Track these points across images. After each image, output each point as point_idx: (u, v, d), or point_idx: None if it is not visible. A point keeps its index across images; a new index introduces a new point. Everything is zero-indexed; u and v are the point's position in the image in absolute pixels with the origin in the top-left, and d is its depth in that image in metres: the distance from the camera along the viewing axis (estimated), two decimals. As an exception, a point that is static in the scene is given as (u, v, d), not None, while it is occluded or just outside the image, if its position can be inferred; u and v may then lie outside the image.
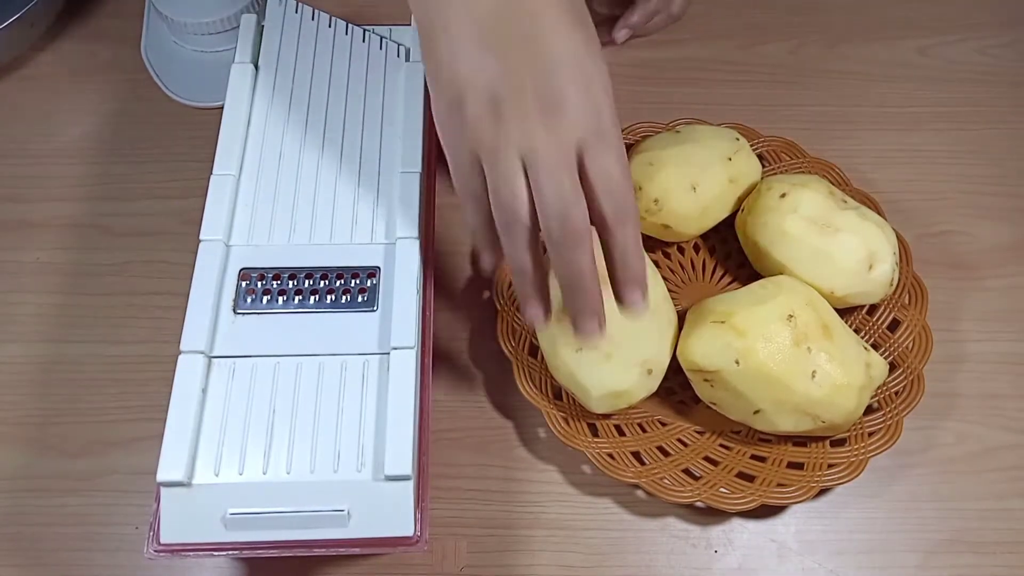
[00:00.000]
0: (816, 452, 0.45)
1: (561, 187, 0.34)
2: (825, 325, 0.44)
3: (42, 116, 0.58)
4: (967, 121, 0.60)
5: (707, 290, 0.52)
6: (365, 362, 0.40)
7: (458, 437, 0.48)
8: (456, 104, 0.35)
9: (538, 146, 0.34)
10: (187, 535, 0.37)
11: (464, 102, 0.35)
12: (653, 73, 0.61)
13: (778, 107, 0.60)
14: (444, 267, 0.53)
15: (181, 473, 0.36)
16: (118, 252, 0.53)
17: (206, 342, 0.39)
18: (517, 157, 0.35)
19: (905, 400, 0.46)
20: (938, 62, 0.63)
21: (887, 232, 0.48)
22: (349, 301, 0.41)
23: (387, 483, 0.37)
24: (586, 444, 0.44)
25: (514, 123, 0.34)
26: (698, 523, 0.46)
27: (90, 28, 0.63)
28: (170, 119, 0.58)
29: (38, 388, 0.49)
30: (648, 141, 0.51)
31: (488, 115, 0.35)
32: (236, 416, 0.38)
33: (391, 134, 0.47)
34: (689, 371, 0.45)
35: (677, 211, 0.49)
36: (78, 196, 0.55)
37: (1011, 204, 0.56)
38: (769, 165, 0.55)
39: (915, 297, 0.49)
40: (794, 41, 0.63)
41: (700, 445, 0.46)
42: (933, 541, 0.46)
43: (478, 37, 0.35)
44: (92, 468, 0.46)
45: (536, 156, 0.34)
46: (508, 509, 0.46)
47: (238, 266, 0.42)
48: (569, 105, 0.34)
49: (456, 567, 0.44)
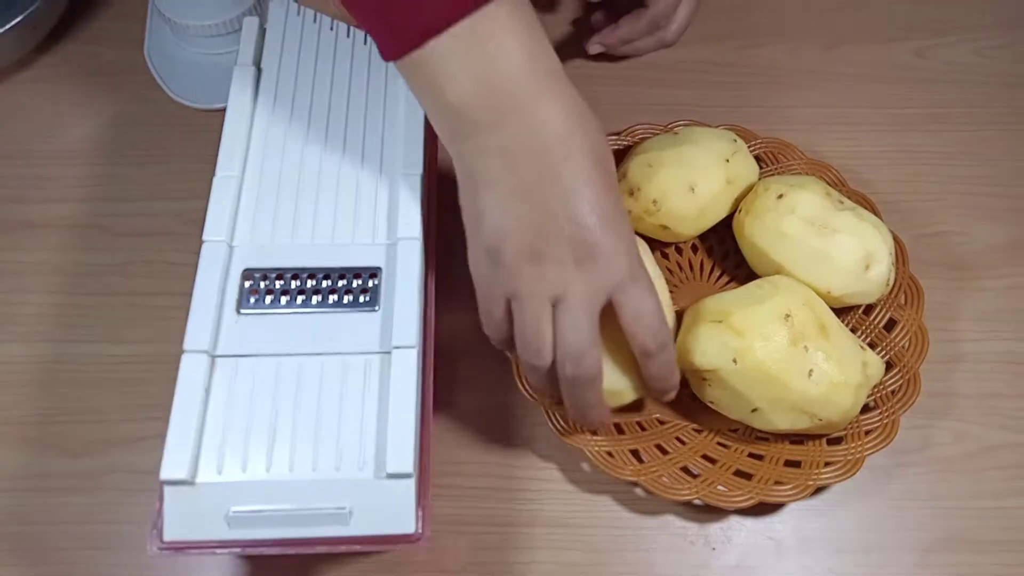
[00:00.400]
0: (813, 450, 0.45)
1: (580, 331, 0.38)
2: (822, 324, 0.44)
3: (45, 117, 0.59)
4: (963, 122, 0.60)
5: (705, 290, 0.52)
6: (367, 361, 0.40)
7: (459, 435, 0.48)
8: (495, 251, 0.38)
9: (570, 290, 0.37)
10: (190, 533, 0.37)
11: (503, 249, 0.38)
12: (652, 75, 0.62)
13: (775, 108, 0.60)
14: (445, 267, 0.53)
15: (184, 471, 0.37)
16: (120, 253, 0.53)
17: (209, 341, 0.40)
18: (548, 301, 0.38)
19: (901, 399, 0.46)
20: (935, 64, 0.63)
21: (883, 232, 0.48)
22: (351, 301, 0.42)
23: (389, 481, 0.37)
24: (585, 442, 0.45)
25: (552, 269, 0.37)
26: (696, 521, 0.46)
27: (93, 30, 0.63)
28: (172, 121, 0.58)
29: (40, 388, 0.49)
30: (647, 142, 0.52)
31: (527, 262, 0.38)
32: (239, 415, 0.38)
33: (392, 136, 0.47)
34: (687, 370, 0.45)
35: (675, 212, 0.50)
36: (80, 197, 0.55)
37: (1007, 204, 0.57)
38: (766, 166, 0.55)
39: (911, 297, 0.50)
40: (792, 43, 0.64)
41: (698, 443, 0.46)
42: (930, 539, 0.46)
43: (521, 192, 0.37)
44: (95, 467, 0.47)
45: (566, 300, 0.38)
46: (508, 507, 0.46)
47: (241, 266, 0.42)
48: (603, 253, 0.37)
49: (457, 564, 0.45)
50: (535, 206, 0.37)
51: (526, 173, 0.37)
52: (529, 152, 0.37)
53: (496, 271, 0.39)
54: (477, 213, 0.39)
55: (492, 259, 0.39)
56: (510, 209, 0.38)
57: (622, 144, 0.55)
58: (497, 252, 0.38)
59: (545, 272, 0.37)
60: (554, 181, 0.37)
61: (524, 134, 0.37)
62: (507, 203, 0.38)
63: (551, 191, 0.37)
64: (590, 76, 0.62)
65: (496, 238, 0.38)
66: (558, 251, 0.37)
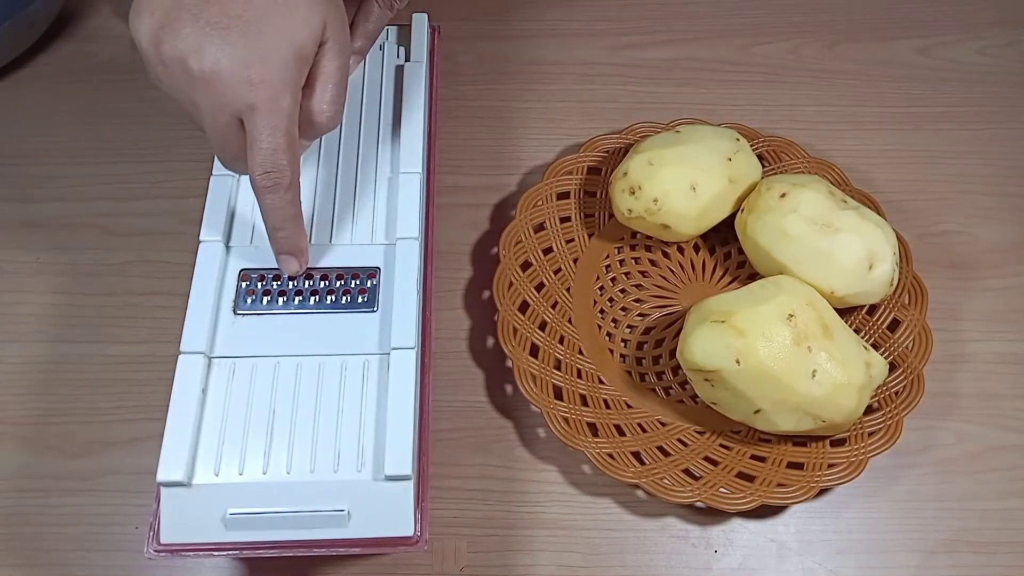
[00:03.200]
0: (816, 452, 0.45)
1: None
2: (825, 325, 0.44)
3: (41, 116, 0.58)
4: (967, 121, 0.60)
5: (707, 290, 0.52)
6: (365, 362, 0.40)
7: (458, 437, 0.48)
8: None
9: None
10: (187, 535, 0.37)
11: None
12: (653, 73, 0.61)
13: (778, 107, 0.60)
14: (444, 267, 0.53)
15: (181, 473, 0.36)
16: (118, 252, 0.53)
17: (206, 343, 0.39)
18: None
19: (905, 400, 0.46)
20: (938, 62, 0.63)
21: (887, 232, 0.48)
22: (349, 302, 0.41)
23: (387, 483, 0.37)
24: (586, 444, 0.45)
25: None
26: (698, 523, 0.46)
27: (89, 29, 0.63)
28: (169, 120, 0.58)
29: (37, 388, 0.49)
30: (648, 141, 0.51)
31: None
32: (236, 416, 0.38)
33: (392, 136, 0.47)
34: (689, 371, 0.45)
35: (677, 211, 0.49)
36: (77, 196, 0.55)
37: (1011, 204, 0.56)
38: (769, 165, 0.55)
39: (915, 297, 0.49)
40: (794, 41, 0.63)
41: (700, 445, 0.46)
42: (933, 541, 0.46)
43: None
44: (92, 468, 0.46)
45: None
46: (508, 509, 0.46)
47: (238, 267, 0.42)
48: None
49: (456, 567, 0.44)
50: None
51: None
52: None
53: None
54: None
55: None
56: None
57: (623, 142, 0.55)
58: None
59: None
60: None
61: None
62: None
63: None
64: (590, 76, 0.61)
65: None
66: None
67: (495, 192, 0.56)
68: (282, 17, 0.36)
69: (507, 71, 0.61)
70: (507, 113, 0.59)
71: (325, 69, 0.38)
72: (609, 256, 0.53)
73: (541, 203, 0.53)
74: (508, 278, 0.49)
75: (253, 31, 0.35)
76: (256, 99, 0.35)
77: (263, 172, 0.37)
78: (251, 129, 0.36)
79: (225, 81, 0.35)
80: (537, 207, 0.52)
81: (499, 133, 0.59)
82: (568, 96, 0.60)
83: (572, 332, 0.50)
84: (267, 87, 0.35)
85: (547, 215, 0.53)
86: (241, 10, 0.35)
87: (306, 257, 0.42)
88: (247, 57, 0.35)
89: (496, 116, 0.59)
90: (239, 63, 0.35)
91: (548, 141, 0.58)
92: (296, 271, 0.42)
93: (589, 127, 0.58)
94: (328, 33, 0.38)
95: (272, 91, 0.36)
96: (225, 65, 0.35)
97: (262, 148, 0.36)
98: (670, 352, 0.50)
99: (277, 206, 0.38)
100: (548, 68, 0.62)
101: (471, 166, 0.57)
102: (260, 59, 0.35)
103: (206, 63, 0.35)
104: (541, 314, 0.49)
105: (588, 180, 0.54)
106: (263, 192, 0.38)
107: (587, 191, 0.54)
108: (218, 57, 0.35)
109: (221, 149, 0.38)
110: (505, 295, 0.49)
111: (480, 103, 0.60)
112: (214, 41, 0.35)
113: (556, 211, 0.53)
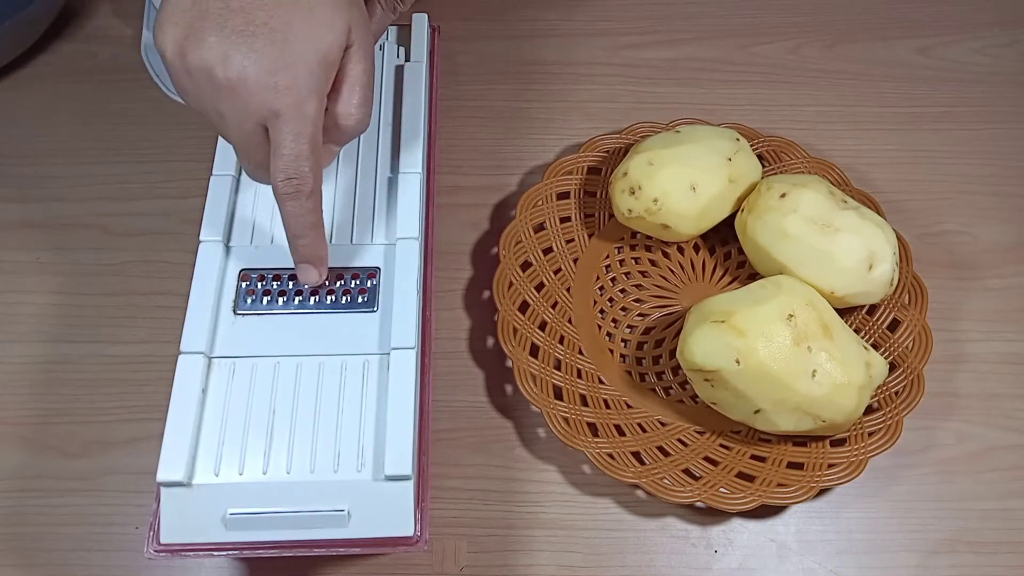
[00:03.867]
0: (816, 452, 0.45)
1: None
2: (825, 325, 0.44)
3: (42, 116, 0.58)
4: (967, 121, 0.60)
5: (707, 290, 0.52)
6: (365, 362, 0.40)
7: (458, 437, 0.48)
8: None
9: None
10: (187, 535, 0.37)
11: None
12: (653, 73, 0.61)
13: (778, 107, 0.60)
14: (444, 267, 0.53)
15: (181, 473, 0.36)
16: (118, 252, 0.53)
17: (206, 343, 0.39)
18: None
19: (905, 400, 0.46)
20: (938, 62, 0.63)
21: (887, 232, 0.48)
22: (349, 302, 0.41)
23: (387, 483, 0.37)
24: (586, 444, 0.44)
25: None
26: (698, 523, 0.46)
27: (89, 29, 0.63)
28: (170, 119, 0.58)
29: (37, 388, 0.49)
30: (648, 141, 0.51)
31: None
32: (236, 416, 0.38)
33: (392, 136, 0.47)
34: (689, 371, 0.45)
35: (677, 211, 0.49)
36: (78, 196, 0.55)
37: (1011, 204, 0.56)
38: (769, 165, 0.55)
39: (915, 297, 0.49)
40: (794, 41, 0.63)
41: (700, 445, 0.46)
42: (933, 541, 0.46)
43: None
44: (92, 468, 0.46)
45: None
46: (508, 509, 0.46)
47: (238, 267, 0.42)
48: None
49: (456, 567, 0.44)
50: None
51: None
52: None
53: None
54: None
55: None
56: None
57: (623, 142, 0.55)
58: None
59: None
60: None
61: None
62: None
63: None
64: (590, 76, 0.61)
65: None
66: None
67: (495, 192, 0.56)
68: (307, 24, 0.36)
69: (507, 71, 0.61)
70: (507, 113, 0.59)
71: (351, 73, 0.38)
72: (609, 256, 0.53)
73: (541, 203, 0.53)
74: (508, 278, 0.49)
75: (279, 38, 0.35)
76: (281, 105, 0.35)
77: (285, 178, 0.37)
78: (275, 135, 0.36)
79: (251, 88, 0.35)
80: (537, 207, 0.52)
81: (499, 133, 0.59)
82: (568, 96, 0.60)
83: (572, 332, 0.50)
84: (293, 93, 0.35)
85: (547, 215, 0.53)
86: (266, 18, 0.35)
87: (326, 267, 0.41)
88: (273, 64, 0.35)
89: (496, 116, 0.59)
90: (265, 70, 0.35)
91: (548, 141, 0.58)
92: (315, 281, 0.41)
93: (589, 127, 0.58)
94: (353, 37, 0.37)
95: (298, 97, 0.35)
96: (251, 72, 0.35)
97: (285, 154, 0.36)
98: (670, 352, 0.50)
99: (298, 213, 0.38)
100: (548, 68, 0.62)
101: (471, 166, 0.57)
102: (286, 66, 0.35)
103: (232, 71, 0.35)
104: (541, 314, 0.49)
105: (588, 180, 0.54)
106: (284, 199, 0.37)
107: (587, 191, 0.54)
108: (244, 65, 0.35)
109: (246, 158, 0.38)
110: (505, 295, 0.49)
111: (480, 103, 0.60)
112: (240, 49, 0.35)
113: (556, 211, 0.53)
